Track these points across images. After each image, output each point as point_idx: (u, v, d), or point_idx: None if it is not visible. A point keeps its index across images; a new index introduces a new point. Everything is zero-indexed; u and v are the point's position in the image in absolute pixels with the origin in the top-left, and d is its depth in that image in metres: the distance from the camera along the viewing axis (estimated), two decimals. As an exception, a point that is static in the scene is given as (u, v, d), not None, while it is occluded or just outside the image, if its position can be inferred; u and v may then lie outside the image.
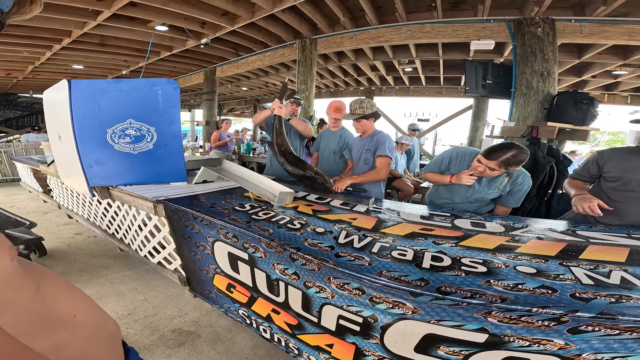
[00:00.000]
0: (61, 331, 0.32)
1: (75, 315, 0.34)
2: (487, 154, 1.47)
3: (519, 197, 1.59)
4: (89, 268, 2.31)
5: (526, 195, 1.76)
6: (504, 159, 1.42)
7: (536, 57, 3.12)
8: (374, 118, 2.01)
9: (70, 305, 0.35)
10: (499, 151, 1.44)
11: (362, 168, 2.04)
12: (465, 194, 1.67)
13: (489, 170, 1.48)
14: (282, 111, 2.10)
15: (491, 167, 1.46)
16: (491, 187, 1.58)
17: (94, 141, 1.62)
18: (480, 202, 1.67)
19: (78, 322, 0.34)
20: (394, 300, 0.83)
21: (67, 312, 0.34)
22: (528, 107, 3.17)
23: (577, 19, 3.13)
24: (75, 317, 0.34)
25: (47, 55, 5.33)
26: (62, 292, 0.36)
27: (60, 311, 0.34)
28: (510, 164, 1.44)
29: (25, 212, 3.80)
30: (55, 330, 0.32)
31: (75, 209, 2.95)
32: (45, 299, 0.33)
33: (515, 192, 1.57)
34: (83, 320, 0.35)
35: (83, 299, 0.38)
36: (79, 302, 0.37)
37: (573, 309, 0.68)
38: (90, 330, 0.36)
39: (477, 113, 6.49)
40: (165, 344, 1.54)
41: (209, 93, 6.80)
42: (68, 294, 0.36)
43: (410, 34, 3.82)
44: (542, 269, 0.88)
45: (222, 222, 1.21)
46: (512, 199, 1.60)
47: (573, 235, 1.21)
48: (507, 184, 1.56)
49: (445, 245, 1.06)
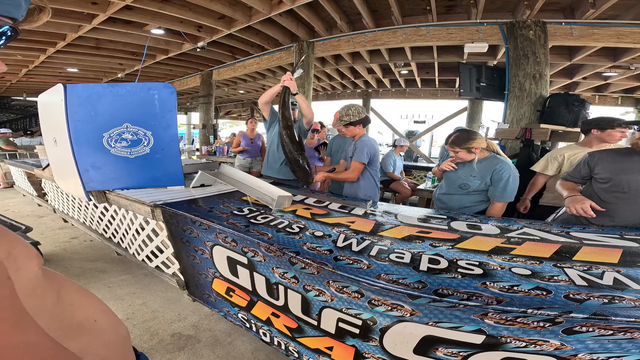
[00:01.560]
0: (84, 336, 0.33)
1: (96, 320, 0.35)
2: (445, 142, 1.93)
3: (502, 187, 1.63)
4: (86, 272, 2.29)
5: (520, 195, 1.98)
6: (452, 140, 1.73)
7: (528, 59, 3.17)
8: (362, 124, 2.10)
9: (89, 311, 0.36)
10: (449, 136, 1.80)
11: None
12: (453, 182, 1.83)
13: (455, 154, 1.74)
14: (292, 83, 2.15)
15: (450, 149, 1.74)
16: (469, 172, 1.74)
17: (90, 145, 1.61)
18: (468, 192, 1.77)
19: (98, 327, 0.35)
20: (392, 302, 0.84)
21: (87, 317, 0.35)
22: (521, 109, 3.22)
23: (567, 21, 3.20)
24: (95, 321, 0.35)
25: (41, 59, 5.29)
26: (80, 298, 0.37)
27: (81, 317, 0.34)
28: (457, 143, 1.70)
29: (19, 216, 3.75)
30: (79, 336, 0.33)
31: (71, 212, 2.92)
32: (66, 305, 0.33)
33: (497, 180, 1.64)
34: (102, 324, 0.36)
35: (99, 304, 0.39)
36: (96, 308, 0.38)
37: (567, 310, 0.70)
38: (108, 334, 0.37)
39: (471, 115, 6.57)
40: (164, 348, 1.53)
41: (206, 96, 6.79)
42: (86, 300, 0.37)
43: (406, 37, 3.87)
44: (537, 271, 0.90)
45: (221, 226, 1.22)
46: (497, 190, 1.65)
47: (567, 237, 1.23)
48: (486, 171, 1.68)
49: (442, 247, 1.08)
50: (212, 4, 3.48)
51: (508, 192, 1.64)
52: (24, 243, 0.31)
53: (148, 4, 3.36)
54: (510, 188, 1.63)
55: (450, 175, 1.84)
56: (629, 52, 3.86)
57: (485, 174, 1.67)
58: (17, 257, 0.28)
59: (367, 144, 2.02)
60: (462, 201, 1.79)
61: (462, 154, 1.70)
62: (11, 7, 0.32)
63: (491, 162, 1.68)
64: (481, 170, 1.69)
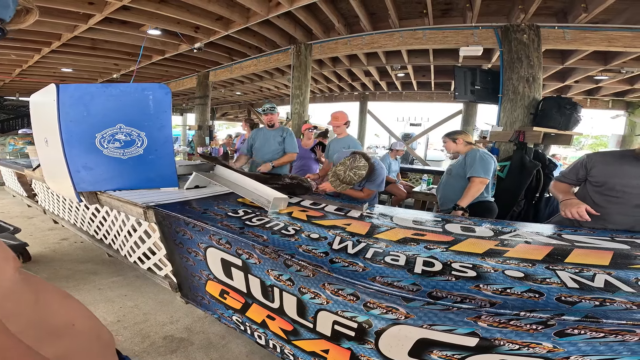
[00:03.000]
0: (61, 340, 0.33)
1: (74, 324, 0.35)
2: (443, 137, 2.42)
3: (471, 162, 2.06)
4: (76, 274, 2.25)
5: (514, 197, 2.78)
6: (445, 134, 2.37)
7: (522, 63, 3.22)
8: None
9: (68, 314, 0.35)
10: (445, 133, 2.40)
11: None
12: (446, 171, 2.38)
13: (446, 144, 2.33)
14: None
15: (443, 141, 2.38)
16: (454, 161, 2.33)
17: (82, 146, 1.58)
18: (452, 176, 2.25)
19: (76, 331, 0.35)
20: (387, 305, 0.83)
21: (65, 321, 0.34)
22: (515, 112, 3.26)
23: (560, 25, 3.25)
24: (73, 325, 0.35)
25: (36, 59, 5.20)
26: (59, 301, 0.36)
27: (59, 320, 0.34)
28: (449, 134, 2.32)
29: (8, 216, 3.68)
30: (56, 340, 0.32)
31: (62, 213, 2.87)
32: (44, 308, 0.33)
33: (469, 161, 2.08)
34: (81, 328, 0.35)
35: (79, 307, 0.38)
36: (76, 311, 0.37)
37: (559, 313, 0.70)
38: (88, 338, 0.36)
39: (466, 118, 6.65)
40: (156, 351, 1.51)
41: (202, 97, 6.74)
42: (65, 303, 0.36)
43: (402, 40, 3.90)
44: (530, 273, 0.91)
45: (215, 228, 1.20)
46: (468, 166, 2.07)
47: (559, 239, 1.25)
48: (462, 157, 2.19)
49: (436, 250, 1.08)
50: (210, 5, 3.46)
51: (477, 167, 2.01)
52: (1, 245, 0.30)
53: (145, 5, 3.33)
54: (479, 164, 2.01)
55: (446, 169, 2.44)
56: (620, 55, 3.94)
57: (461, 160, 2.19)
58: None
59: (383, 171, 1.94)
60: (449, 189, 2.24)
61: (450, 145, 2.28)
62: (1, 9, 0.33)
63: (469, 152, 2.16)
64: (461, 158, 2.21)
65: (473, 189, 1.99)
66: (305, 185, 1.89)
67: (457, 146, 2.23)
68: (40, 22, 3.61)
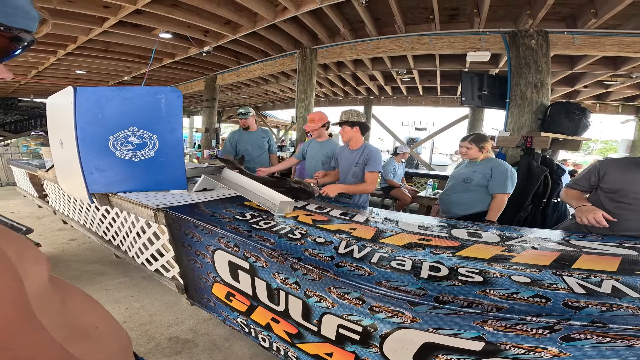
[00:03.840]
0: (85, 342, 0.34)
1: (97, 326, 0.36)
2: (462, 139, 2.19)
3: (502, 179, 1.95)
4: (84, 275, 2.29)
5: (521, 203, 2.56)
6: (471, 138, 2.13)
7: (530, 68, 3.20)
8: (359, 128, 2.03)
9: (91, 316, 0.37)
10: (468, 135, 2.21)
11: (349, 181, 2.08)
12: (458, 178, 2.16)
13: (468, 150, 2.10)
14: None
15: (467, 146, 2.10)
16: (471, 168, 2.11)
17: (96, 148, 1.63)
18: (469, 189, 2.08)
19: (100, 333, 0.36)
20: (393, 309, 0.84)
21: (89, 323, 0.36)
22: (522, 117, 3.24)
23: (569, 31, 3.23)
24: (97, 327, 0.36)
25: (51, 61, 5.33)
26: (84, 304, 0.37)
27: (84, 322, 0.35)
28: (477, 140, 2.10)
29: (19, 216, 3.77)
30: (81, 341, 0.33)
31: (72, 214, 2.94)
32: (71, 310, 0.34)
33: (497, 174, 1.97)
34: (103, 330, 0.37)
35: (101, 310, 0.39)
36: (98, 313, 0.38)
37: (565, 318, 0.70)
38: (110, 340, 0.37)
39: (473, 122, 6.60)
40: (161, 352, 1.53)
41: (209, 100, 6.84)
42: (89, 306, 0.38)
43: (408, 45, 3.92)
44: (536, 279, 0.91)
45: (224, 231, 1.23)
46: (496, 182, 1.97)
47: (566, 245, 1.24)
48: (486, 167, 2.02)
49: (442, 255, 1.09)
50: (219, 9, 3.53)
51: (506, 185, 1.94)
52: (34, 248, 0.32)
53: (157, 8, 3.41)
54: (509, 181, 1.94)
55: (456, 175, 2.20)
56: (630, 61, 3.89)
57: (485, 170, 2.02)
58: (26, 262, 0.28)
59: (378, 152, 2.04)
60: (463, 198, 2.10)
61: (474, 152, 2.08)
62: (30, 22, 0.36)
63: (489, 161, 2.07)
64: (482, 168, 2.05)
65: (501, 206, 1.98)
66: (309, 191, 1.89)
67: (481, 154, 2.08)
68: (58, 26, 3.72)
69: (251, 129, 3.14)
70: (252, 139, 3.09)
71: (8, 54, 0.37)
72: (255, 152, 3.08)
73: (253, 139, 3.09)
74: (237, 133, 3.20)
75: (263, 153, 3.11)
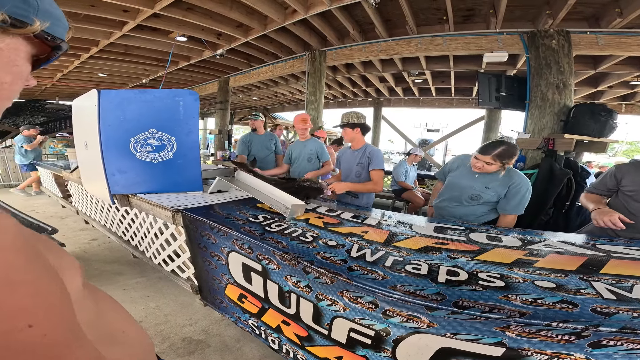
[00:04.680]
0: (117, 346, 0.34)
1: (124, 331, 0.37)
2: (482, 151, 1.62)
3: (518, 201, 1.60)
4: (103, 274, 2.36)
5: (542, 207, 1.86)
6: (497, 153, 1.57)
7: (551, 69, 3.09)
8: (359, 128, 2.07)
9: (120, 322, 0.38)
10: (492, 147, 1.60)
11: (353, 180, 2.13)
12: (463, 192, 1.73)
13: (486, 165, 1.61)
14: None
15: (487, 161, 1.59)
16: (484, 184, 1.67)
17: (118, 150, 1.67)
18: (476, 204, 1.71)
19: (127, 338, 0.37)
20: (408, 314, 0.82)
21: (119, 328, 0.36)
22: (543, 119, 3.12)
23: (592, 30, 3.10)
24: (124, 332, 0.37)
25: (75, 64, 5.62)
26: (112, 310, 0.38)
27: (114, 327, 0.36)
28: (504, 157, 1.57)
29: (44, 216, 3.95)
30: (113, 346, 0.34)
31: (93, 214, 3.05)
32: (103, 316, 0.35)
33: (513, 194, 1.60)
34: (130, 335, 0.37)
35: (127, 315, 0.40)
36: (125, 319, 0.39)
37: (594, 324, 0.68)
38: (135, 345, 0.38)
39: (489, 124, 6.42)
40: (175, 352, 1.55)
41: (222, 102, 7.00)
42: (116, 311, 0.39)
43: (421, 46, 3.87)
44: (562, 284, 0.87)
45: (238, 234, 1.24)
46: (511, 203, 1.62)
47: (593, 249, 1.18)
48: (502, 185, 1.62)
49: (460, 259, 1.05)
50: (231, 13, 3.62)
51: (522, 206, 1.62)
52: (69, 256, 0.33)
53: (173, 12, 3.54)
54: (525, 201, 1.62)
55: (461, 185, 1.76)
56: (657, 60, 3.69)
57: (500, 188, 1.63)
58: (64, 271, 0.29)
59: (378, 151, 2.06)
60: (466, 211, 1.75)
61: (494, 168, 1.60)
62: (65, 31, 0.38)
63: (508, 176, 1.62)
64: (498, 186, 1.63)
65: (511, 225, 1.66)
66: (317, 187, 1.92)
67: (500, 169, 1.63)
68: (82, 30, 3.93)
69: (259, 132, 3.44)
70: (262, 141, 3.41)
71: (47, 61, 0.39)
72: (264, 153, 3.41)
73: (262, 141, 3.41)
74: (250, 135, 3.46)
75: (270, 154, 3.45)
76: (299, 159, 2.66)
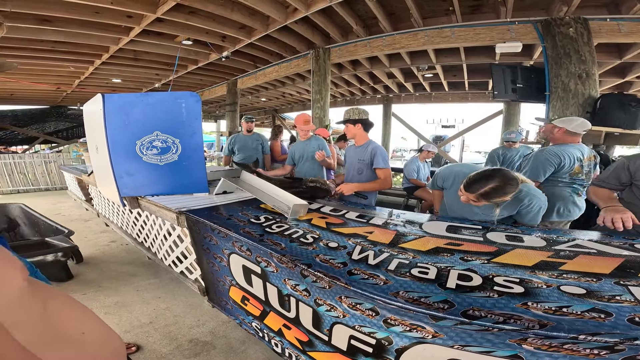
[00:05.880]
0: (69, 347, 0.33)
1: (84, 332, 0.36)
2: (466, 185, 1.32)
3: (532, 217, 1.42)
4: (119, 275, 2.42)
5: None
6: (482, 192, 1.26)
7: (571, 58, 2.89)
8: (361, 125, 2.02)
9: (77, 323, 0.36)
10: (479, 183, 1.28)
11: (354, 177, 2.11)
12: (469, 214, 1.52)
13: (472, 201, 1.33)
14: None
15: (472, 199, 1.32)
16: (489, 209, 1.41)
17: (125, 152, 1.70)
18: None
19: (85, 339, 0.36)
20: (411, 323, 0.75)
21: (75, 329, 0.35)
22: (567, 110, 2.92)
23: (613, 17, 2.89)
24: (83, 333, 0.36)
25: (90, 70, 5.84)
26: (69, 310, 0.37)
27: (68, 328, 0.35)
28: (492, 197, 1.26)
29: (69, 219, 4.13)
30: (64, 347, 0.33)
31: (111, 217, 3.15)
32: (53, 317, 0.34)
33: (524, 214, 1.42)
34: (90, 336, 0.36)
35: (90, 316, 0.39)
36: (85, 320, 0.38)
37: (631, 337, 0.59)
38: (97, 346, 0.37)
39: (508, 118, 6.12)
40: (181, 353, 1.55)
41: (232, 104, 7.10)
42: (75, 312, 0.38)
43: (428, 39, 3.73)
44: (594, 289, 0.77)
45: (237, 235, 1.21)
46: (524, 220, 1.45)
47: (631, 250, 1.05)
48: (511, 207, 1.40)
49: (475, 261, 0.96)
50: (233, 14, 3.65)
51: (537, 220, 1.45)
52: (8, 255, 0.32)
53: (176, 16, 3.60)
54: (539, 217, 1.44)
55: (463, 209, 1.53)
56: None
57: (510, 208, 1.42)
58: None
59: (380, 149, 2.02)
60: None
61: (482, 204, 1.33)
62: None
63: (516, 199, 1.37)
64: (506, 206, 1.40)
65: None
66: (325, 188, 1.89)
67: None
68: (90, 36, 4.08)
69: (250, 133, 3.70)
70: (246, 142, 3.66)
71: None
72: (248, 152, 3.61)
73: (246, 142, 3.67)
74: (235, 137, 3.74)
75: (256, 154, 3.64)
76: (302, 158, 2.64)
